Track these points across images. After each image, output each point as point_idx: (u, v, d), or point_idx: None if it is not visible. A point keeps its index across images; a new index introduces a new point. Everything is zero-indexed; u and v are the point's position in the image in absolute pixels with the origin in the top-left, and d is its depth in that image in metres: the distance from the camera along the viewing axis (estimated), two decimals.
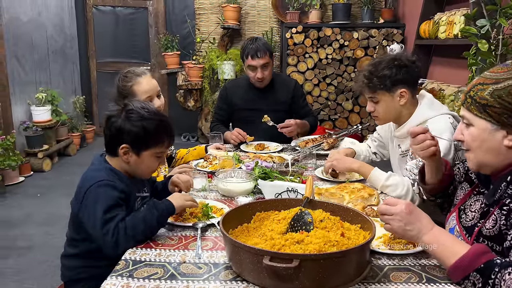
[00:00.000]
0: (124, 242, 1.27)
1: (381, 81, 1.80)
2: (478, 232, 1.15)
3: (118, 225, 1.27)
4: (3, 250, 2.93)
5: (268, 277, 1.02)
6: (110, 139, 1.44)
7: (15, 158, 4.00)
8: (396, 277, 1.12)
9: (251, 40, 2.66)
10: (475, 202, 1.26)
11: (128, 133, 1.39)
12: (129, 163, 1.43)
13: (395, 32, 4.63)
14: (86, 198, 1.34)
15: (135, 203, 1.47)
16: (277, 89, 2.78)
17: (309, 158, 2.25)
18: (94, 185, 1.34)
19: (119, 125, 1.40)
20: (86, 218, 1.35)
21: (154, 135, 1.42)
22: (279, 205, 1.35)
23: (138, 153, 1.42)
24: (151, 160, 1.45)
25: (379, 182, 1.77)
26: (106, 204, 1.30)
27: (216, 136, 2.44)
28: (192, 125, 5.84)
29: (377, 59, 1.87)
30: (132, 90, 1.93)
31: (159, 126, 1.43)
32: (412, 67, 1.81)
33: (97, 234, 1.30)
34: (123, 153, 1.41)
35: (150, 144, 1.42)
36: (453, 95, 3.18)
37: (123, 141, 1.40)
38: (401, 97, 1.82)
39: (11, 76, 4.45)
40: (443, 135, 1.72)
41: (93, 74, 6.13)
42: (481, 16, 2.45)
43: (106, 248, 1.28)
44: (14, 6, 4.53)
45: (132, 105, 1.43)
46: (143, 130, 1.40)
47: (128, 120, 1.40)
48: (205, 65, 5.12)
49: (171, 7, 5.88)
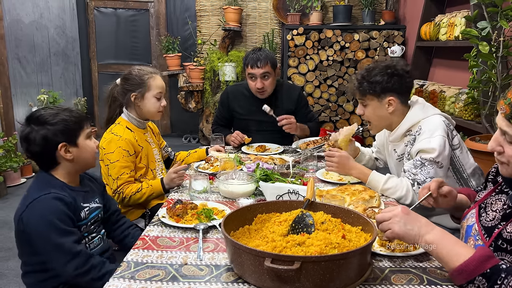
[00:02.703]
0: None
1: (371, 87, 1.82)
2: (498, 234, 1.12)
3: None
4: (5, 252, 2.94)
5: (269, 279, 1.02)
6: (43, 152, 1.43)
7: (16, 160, 4.01)
8: (397, 279, 1.12)
9: (254, 50, 2.63)
10: (496, 201, 1.22)
11: (56, 133, 1.41)
12: (73, 159, 1.45)
13: (396, 34, 4.63)
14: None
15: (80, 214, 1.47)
16: (280, 99, 2.72)
17: (310, 160, 2.25)
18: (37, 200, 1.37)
19: (42, 135, 1.41)
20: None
21: (75, 119, 1.46)
22: (280, 207, 1.35)
23: (76, 142, 1.45)
24: (88, 143, 1.50)
25: (378, 185, 1.78)
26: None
27: (217, 138, 2.44)
28: (193, 126, 5.86)
29: (372, 65, 1.89)
30: (149, 83, 2.02)
31: (71, 111, 1.48)
32: (404, 76, 1.82)
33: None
34: (64, 152, 1.43)
35: (78, 128, 1.47)
36: (454, 97, 3.18)
37: (57, 143, 1.42)
38: (389, 104, 1.84)
39: (13, 77, 4.46)
40: (436, 132, 1.74)
41: (95, 75, 6.15)
42: (482, 18, 2.45)
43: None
44: (16, 8, 4.54)
45: (35, 114, 1.44)
46: (65, 121, 1.43)
47: (46, 124, 1.41)
48: (206, 67, 5.13)
49: (172, 9, 5.89)
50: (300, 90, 2.87)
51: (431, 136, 1.74)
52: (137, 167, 2.02)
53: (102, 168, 1.99)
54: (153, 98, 2.04)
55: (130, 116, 2.06)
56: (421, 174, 1.72)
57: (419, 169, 1.73)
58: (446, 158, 1.73)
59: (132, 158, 1.96)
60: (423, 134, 1.77)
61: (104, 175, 1.98)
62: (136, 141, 2.01)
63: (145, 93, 2.02)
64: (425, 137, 1.75)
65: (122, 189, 1.91)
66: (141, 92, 2.02)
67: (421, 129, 1.79)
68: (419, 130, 1.80)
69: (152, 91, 2.03)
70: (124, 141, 1.94)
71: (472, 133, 2.81)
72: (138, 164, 2.02)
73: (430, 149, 1.72)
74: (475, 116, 2.87)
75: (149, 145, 2.11)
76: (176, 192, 1.85)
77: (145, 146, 2.07)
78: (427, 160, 1.72)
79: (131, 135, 2.00)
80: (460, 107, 3.03)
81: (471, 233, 1.23)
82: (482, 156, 2.27)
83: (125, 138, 1.95)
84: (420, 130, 1.80)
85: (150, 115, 2.09)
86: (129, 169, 1.94)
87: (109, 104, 2.12)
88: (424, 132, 1.77)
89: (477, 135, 2.63)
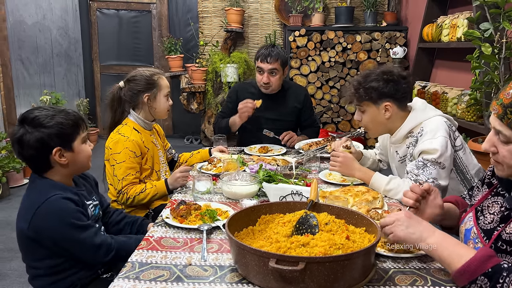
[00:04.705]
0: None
1: (367, 93, 1.82)
2: (497, 236, 1.13)
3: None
4: (8, 252, 2.95)
5: (273, 279, 1.03)
6: (36, 156, 1.39)
7: (19, 161, 4.02)
8: (401, 280, 1.13)
9: (267, 45, 2.67)
10: (493, 203, 1.23)
11: (51, 137, 1.37)
12: (68, 164, 1.42)
13: (398, 35, 4.64)
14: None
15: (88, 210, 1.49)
16: (286, 99, 2.76)
17: (312, 161, 2.25)
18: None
19: (36, 137, 1.36)
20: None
21: (72, 122, 1.42)
22: (284, 208, 1.36)
23: (71, 147, 1.42)
24: (83, 148, 1.46)
25: (380, 187, 1.79)
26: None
27: (220, 139, 2.45)
28: (195, 127, 5.87)
29: (368, 71, 1.89)
30: (159, 82, 2.06)
31: (68, 113, 1.43)
32: (401, 82, 1.82)
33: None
34: (59, 156, 1.39)
35: (74, 132, 1.42)
36: (456, 98, 3.18)
37: (52, 147, 1.38)
38: (386, 110, 1.83)
39: (16, 78, 4.47)
40: (438, 133, 1.74)
41: (97, 77, 6.16)
42: (484, 20, 2.45)
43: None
44: (19, 9, 4.56)
45: (29, 115, 1.39)
46: (61, 125, 1.38)
47: (41, 127, 1.36)
48: (208, 68, 5.13)
49: (175, 10, 5.90)
50: (306, 91, 2.91)
51: (433, 137, 1.74)
52: (142, 168, 2.02)
53: (107, 168, 1.99)
54: (163, 97, 2.08)
55: (137, 117, 2.07)
56: (423, 174, 1.73)
57: (421, 170, 1.74)
58: (448, 158, 1.73)
59: (138, 160, 1.97)
60: (425, 135, 1.77)
61: (109, 175, 1.99)
62: (142, 143, 2.02)
63: (157, 93, 2.05)
64: (427, 138, 1.76)
65: (126, 190, 1.92)
66: (154, 93, 2.04)
67: (423, 130, 1.80)
68: (421, 131, 1.80)
69: (163, 91, 2.07)
70: (131, 142, 1.95)
71: (474, 135, 2.81)
72: (144, 166, 2.03)
73: (432, 149, 1.72)
74: (478, 117, 2.87)
75: (154, 146, 2.12)
76: (180, 193, 1.86)
77: (151, 147, 2.07)
78: (429, 161, 1.72)
79: (138, 136, 2.01)
80: (463, 108, 3.03)
81: (470, 236, 1.24)
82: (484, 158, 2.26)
83: (132, 139, 1.96)
84: (422, 131, 1.80)
85: (161, 115, 2.12)
86: (134, 170, 1.95)
87: (114, 108, 2.09)
88: (426, 133, 1.77)
89: (480, 137, 2.63)
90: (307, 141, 2.60)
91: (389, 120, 1.86)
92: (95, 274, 1.52)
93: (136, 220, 1.73)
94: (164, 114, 2.13)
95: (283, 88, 2.74)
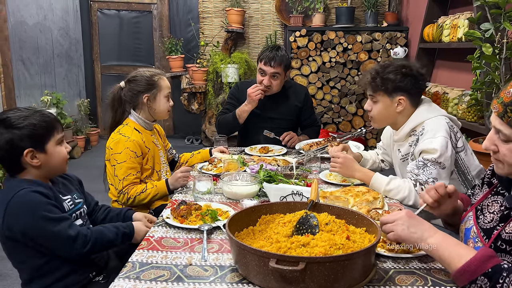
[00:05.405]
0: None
1: (384, 83, 1.82)
2: (497, 235, 1.13)
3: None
4: None
5: (274, 279, 1.03)
6: (7, 157, 1.36)
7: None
8: (401, 280, 1.13)
9: (272, 47, 2.64)
10: (492, 203, 1.23)
11: (22, 138, 1.35)
12: (41, 165, 1.39)
13: (398, 36, 4.64)
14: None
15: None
16: (287, 98, 2.75)
17: (313, 161, 2.25)
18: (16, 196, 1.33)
19: (6, 139, 1.34)
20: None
21: (46, 124, 1.39)
22: (284, 208, 1.36)
23: (43, 148, 1.39)
24: (58, 150, 1.43)
25: (381, 187, 1.79)
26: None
27: (221, 139, 2.45)
28: (195, 128, 5.87)
29: (388, 62, 1.90)
30: (159, 83, 2.06)
31: (42, 115, 1.40)
32: (418, 78, 1.83)
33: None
34: (30, 158, 1.37)
35: (47, 134, 1.40)
36: (457, 99, 3.18)
37: (23, 148, 1.35)
38: (399, 103, 1.84)
39: (17, 79, 4.48)
40: (438, 133, 1.74)
41: (98, 77, 6.17)
42: (485, 20, 2.45)
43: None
44: (20, 10, 4.56)
45: (1, 116, 1.36)
46: (33, 126, 1.36)
47: (12, 128, 1.34)
48: (209, 69, 5.14)
49: (175, 10, 5.91)
50: (307, 90, 2.91)
51: (433, 137, 1.74)
52: (143, 168, 2.02)
53: (108, 168, 1.99)
54: (164, 98, 2.08)
55: (138, 117, 2.07)
56: (423, 174, 1.73)
57: (421, 169, 1.74)
58: (448, 159, 1.73)
59: (139, 160, 1.97)
60: (426, 135, 1.77)
61: (110, 175, 1.99)
62: (143, 143, 2.02)
63: (157, 93, 2.05)
64: (427, 137, 1.76)
65: (127, 190, 1.92)
66: (153, 93, 2.04)
67: (424, 130, 1.80)
68: (422, 130, 1.80)
69: (163, 92, 2.07)
70: (132, 142, 1.95)
71: (475, 135, 2.81)
72: (145, 166, 2.03)
73: (432, 149, 1.72)
74: (478, 117, 2.87)
75: (155, 147, 2.12)
76: (180, 193, 1.86)
77: (151, 147, 2.08)
78: (429, 161, 1.72)
79: (139, 136, 2.01)
80: (463, 108, 3.03)
81: (470, 235, 1.24)
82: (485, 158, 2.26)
83: (133, 139, 1.96)
84: (423, 131, 1.80)
85: (161, 115, 2.12)
86: (135, 170, 1.95)
87: (115, 108, 2.09)
88: (426, 133, 1.77)
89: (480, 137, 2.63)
90: (308, 142, 2.60)
91: (399, 114, 1.87)
92: (86, 278, 1.49)
93: (121, 211, 1.72)
94: (164, 115, 2.12)
95: (284, 87, 2.74)
